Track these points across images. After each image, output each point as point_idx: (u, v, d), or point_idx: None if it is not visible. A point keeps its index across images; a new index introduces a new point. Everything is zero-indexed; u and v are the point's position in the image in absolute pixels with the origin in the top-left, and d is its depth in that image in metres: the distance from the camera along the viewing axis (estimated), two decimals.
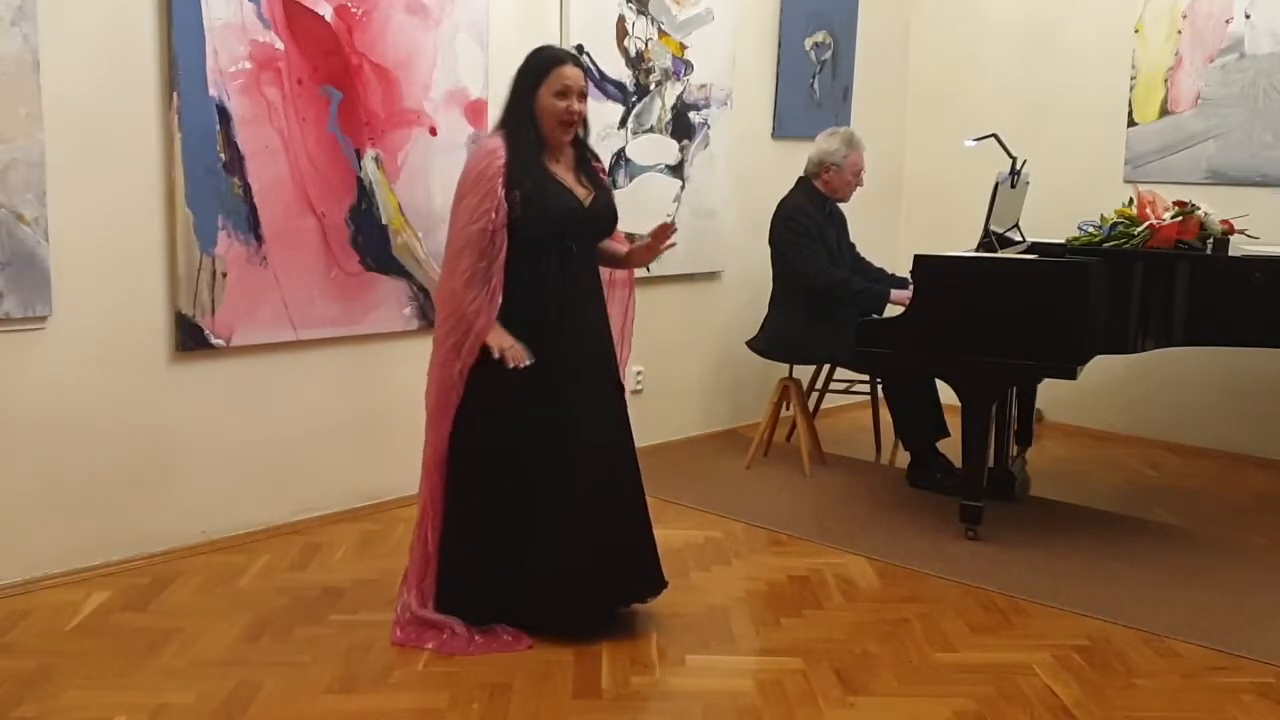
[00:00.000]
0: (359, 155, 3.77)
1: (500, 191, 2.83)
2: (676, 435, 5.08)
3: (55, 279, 3.15)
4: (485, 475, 2.93)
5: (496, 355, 2.84)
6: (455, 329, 2.86)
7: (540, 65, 2.93)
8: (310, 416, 3.79)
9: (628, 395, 3.14)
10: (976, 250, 4.11)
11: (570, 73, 2.92)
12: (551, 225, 2.91)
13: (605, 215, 3.04)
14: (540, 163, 2.93)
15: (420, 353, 4.11)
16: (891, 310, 4.22)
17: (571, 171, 3.01)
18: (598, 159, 3.13)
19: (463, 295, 2.83)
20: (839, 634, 3.06)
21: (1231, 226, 3.86)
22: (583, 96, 2.95)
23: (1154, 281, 3.76)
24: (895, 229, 6.12)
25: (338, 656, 2.83)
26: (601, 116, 4.45)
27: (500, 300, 2.85)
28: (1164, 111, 5.19)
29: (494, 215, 2.82)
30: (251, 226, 3.52)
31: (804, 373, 4.93)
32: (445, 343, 2.90)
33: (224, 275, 3.47)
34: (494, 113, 4.11)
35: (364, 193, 3.80)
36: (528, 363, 2.86)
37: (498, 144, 2.89)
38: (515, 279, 2.87)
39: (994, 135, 4.33)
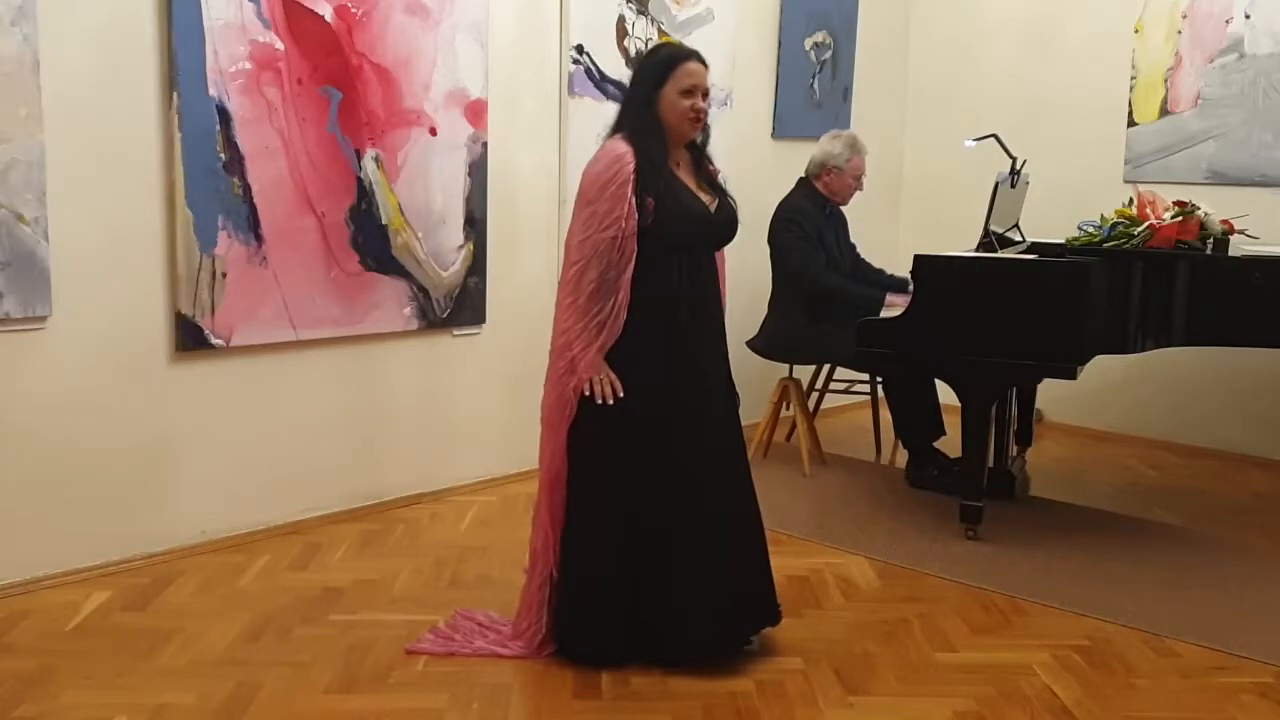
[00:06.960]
0: (359, 155, 3.77)
1: (631, 198, 2.71)
2: None
3: (55, 279, 3.15)
4: (614, 499, 2.80)
5: (586, 392, 2.73)
6: (576, 341, 2.73)
7: (663, 63, 2.82)
8: (310, 416, 3.79)
9: None
10: (976, 250, 4.11)
11: (695, 69, 2.80)
12: (683, 233, 2.81)
13: (730, 222, 2.93)
14: (668, 168, 2.83)
15: (420, 353, 4.16)
16: (889, 311, 4.21)
17: (692, 177, 2.91)
18: (713, 163, 2.99)
19: (586, 308, 2.71)
20: (839, 634, 3.06)
21: (1231, 226, 3.87)
22: (706, 94, 2.84)
23: (1154, 281, 3.76)
24: (895, 229, 6.11)
25: (338, 656, 2.83)
26: (601, 117, 4.43)
27: (624, 318, 2.73)
28: (1164, 111, 5.19)
29: (625, 223, 2.70)
30: (251, 226, 3.52)
31: (804, 373, 4.93)
32: (564, 356, 2.76)
33: (224, 275, 3.47)
34: (494, 112, 4.17)
35: (364, 193, 3.80)
36: (612, 400, 2.74)
37: (626, 149, 2.75)
38: (643, 287, 2.75)
39: (994, 135, 4.33)
